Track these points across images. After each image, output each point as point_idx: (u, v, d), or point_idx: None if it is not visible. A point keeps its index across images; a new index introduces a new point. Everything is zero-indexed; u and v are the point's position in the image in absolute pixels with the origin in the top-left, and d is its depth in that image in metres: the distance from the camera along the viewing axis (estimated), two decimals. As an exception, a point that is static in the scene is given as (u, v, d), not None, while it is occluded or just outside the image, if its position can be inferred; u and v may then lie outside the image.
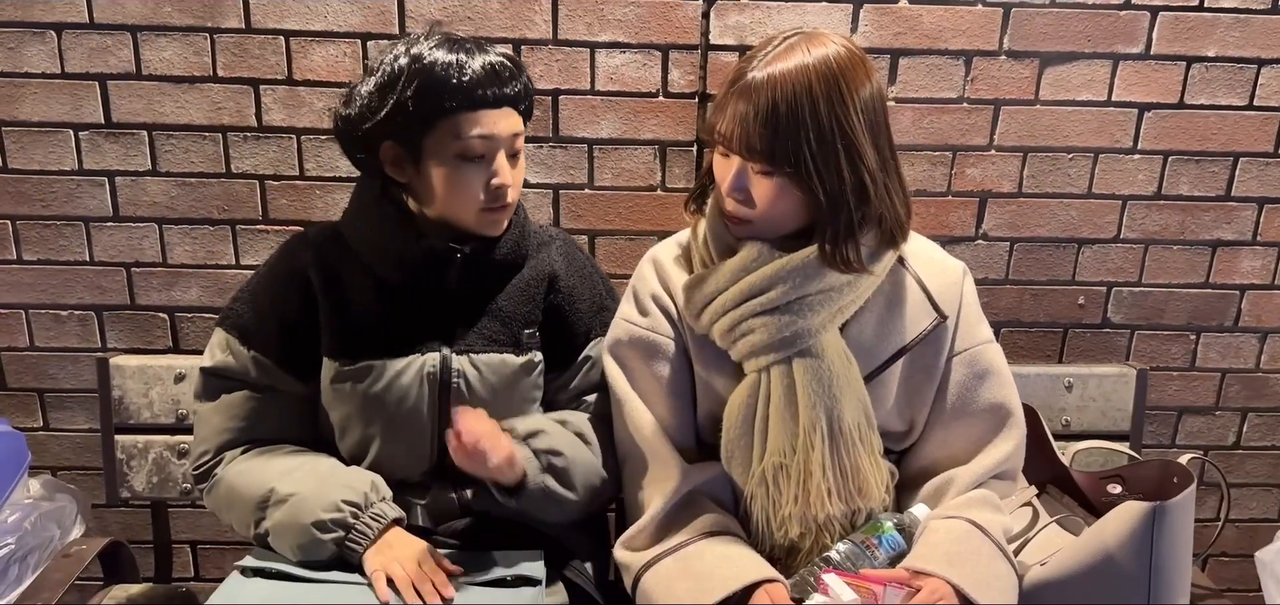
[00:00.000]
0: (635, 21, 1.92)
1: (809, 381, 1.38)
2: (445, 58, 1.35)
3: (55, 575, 1.72)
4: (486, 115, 1.38)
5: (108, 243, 2.01)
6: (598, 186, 2.02)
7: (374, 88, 1.38)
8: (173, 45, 1.89)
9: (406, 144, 1.40)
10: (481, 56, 1.38)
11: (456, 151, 1.38)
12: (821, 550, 1.40)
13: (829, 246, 1.35)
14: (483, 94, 1.37)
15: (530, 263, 1.56)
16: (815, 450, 1.39)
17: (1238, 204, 2.10)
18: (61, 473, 2.16)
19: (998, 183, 2.06)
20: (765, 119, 1.28)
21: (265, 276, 1.53)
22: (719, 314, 1.40)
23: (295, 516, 1.37)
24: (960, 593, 1.29)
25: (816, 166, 1.29)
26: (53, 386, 2.11)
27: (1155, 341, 2.19)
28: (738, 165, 1.34)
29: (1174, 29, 1.97)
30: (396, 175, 1.44)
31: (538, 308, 1.54)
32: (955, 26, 1.95)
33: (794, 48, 1.30)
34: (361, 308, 1.48)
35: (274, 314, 1.49)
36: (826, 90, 1.28)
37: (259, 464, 1.47)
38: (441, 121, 1.37)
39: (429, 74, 1.35)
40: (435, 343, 1.48)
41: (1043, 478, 1.64)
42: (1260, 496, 2.33)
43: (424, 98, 1.35)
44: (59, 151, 1.95)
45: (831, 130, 1.28)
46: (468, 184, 1.41)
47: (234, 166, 1.98)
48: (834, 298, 1.38)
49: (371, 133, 1.39)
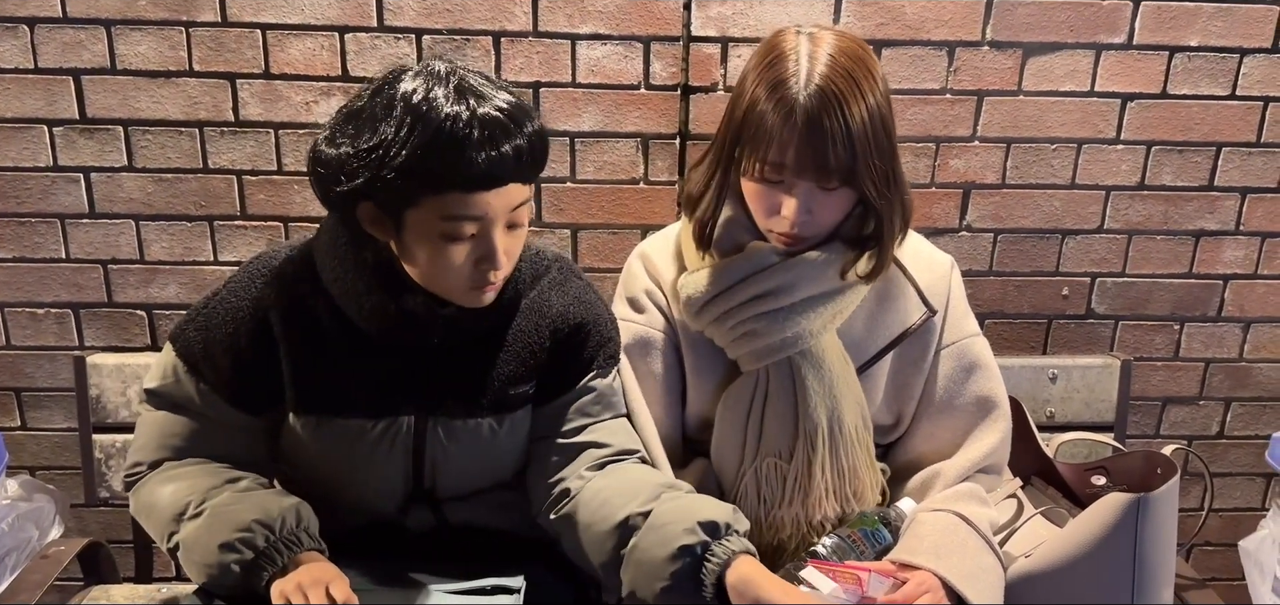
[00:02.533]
0: (616, 13, 1.90)
1: (812, 382, 1.38)
2: (443, 119, 1.13)
3: (33, 576, 1.70)
4: (481, 198, 1.17)
5: (84, 240, 1.99)
6: (580, 180, 2.01)
7: (356, 138, 1.17)
8: (148, 39, 1.87)
9: (387, 210, 1.20)
10: (490, 112, 1.15)
11: (442, 232, 1.18)
12: (808, 546, 1.39)
13: (876, 253, 1.34)
14: (480, 174, 1.15)
15: (523, 306, 1.40)
16: (817, 452, 1.39)
17: (1221, 194, 2.10)
18: (39, 473, 2.14)
19: (981, 174, 2.05)
20: (839, 138, 1.22)
21: (223, 304, 1.35)
22: (720, 312, 1.38)
23: (204, 535, 1.25)
24: (947, 585, 1.29)
25: (878, 169, 1.26)
26: (29, 385, 2.09)
27: (1139, 332, 2.20)
28: (804, 189, 1.27)
29: (1156, 19, 1.97)
30: (376, 234, 1.24)
31: (537, 356, 1.40)
32: (938, 17, 1.94)
33: (817, 56, 1.24)
34: (329, 359, 1.33)
35: (227, 350, 1.33)
36: (871, 87, 1.24)
37: (187, 473, 1.34)
38: (429, 199, 1.16)
39: (418, 140, 1.13)
40: (410, 406, 1.35)
41: (1027, 469, 1.64)
42: (1244, 486, 2.34)
43: (408, 168, 1.13)
44: (33, 148, 1.92)
45: (881, 126, 1.26)
46: (453, 264, 1.21)
47: (211, 162, 1.95)
48: (836, 299, 1.38)
49: (350, 194, 1.18)
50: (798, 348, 1.38)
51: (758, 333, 1.37)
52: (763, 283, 1.35)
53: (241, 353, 1.33)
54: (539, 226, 2.02)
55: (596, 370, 1.42)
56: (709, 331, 1.42)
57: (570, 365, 1.42)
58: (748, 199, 1.35)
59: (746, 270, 1.36)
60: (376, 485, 1.39)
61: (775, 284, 1.35)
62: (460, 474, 1.41)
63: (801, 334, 1.37)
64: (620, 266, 1.59)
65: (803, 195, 1.27)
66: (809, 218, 1.29)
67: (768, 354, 1.38)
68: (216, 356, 1.34)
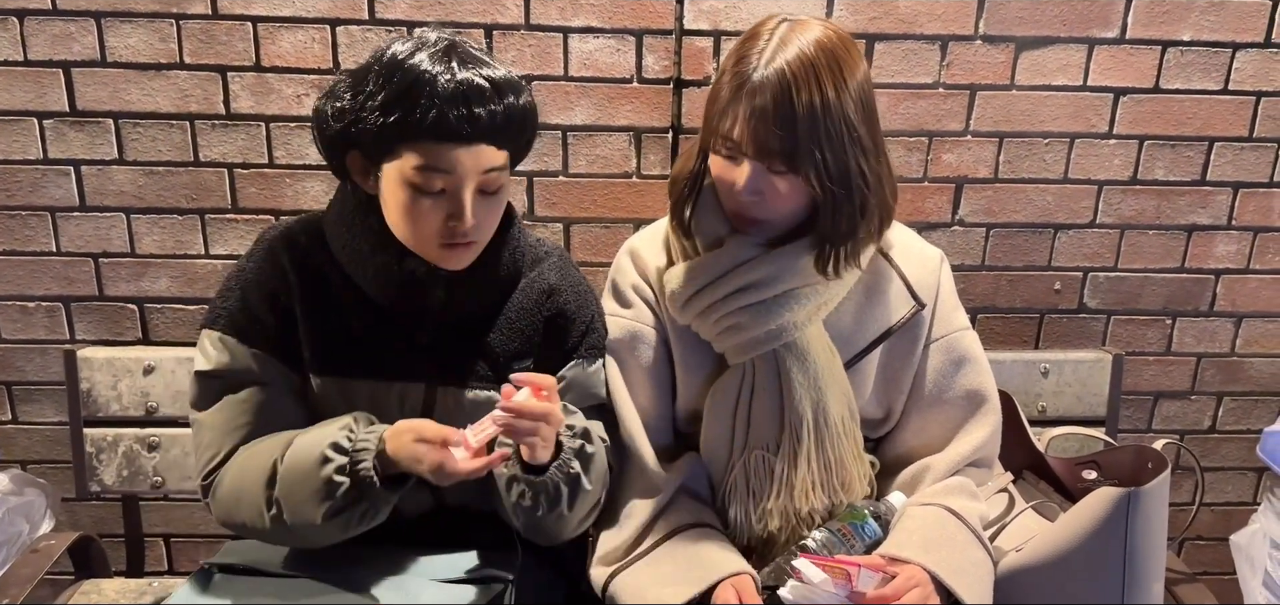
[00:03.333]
0: (608, 6, 1.90)
1: (796, 374, 1.38)
2: (421, 72, 1.20)
3: (24, 571, 1.70)
4: (450, 151, 1.22)
5: (74, 233, 1.98)
6: (572, 174, 2.00)
7: (346, 90, 1.26)
8: (138, 32, 1.86)
9: (370, 158, 1.27)
10: (465, 76, 1.21)
11: (413, 183, 1.24)
12: (798, 540, 1.39)
13: (828, 248, 1.33)
14: (451, 129, 1.21)
15: (522, 286, 1.45)
16: (802, 444, 1.39)
17: (1213, 188, 2.10)
18: (30, 466, 2.13)
19: (974, 168, 2.05)
20: (782, 120, 1.23)
21: (251, 271, 1.38)
22: (705, 306, 1.38)
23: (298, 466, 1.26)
24: (937, 579, 1.30)
25: (827, 162, 1.26)
26: (20, 379, 2.08)
27: (1131, 326, 2.20)
28: (751, 168, 1.28)
29: (1149, 13, 1.97)
30: (365, 187, 1.32)
31: (535, 332, 1.44)
32: (931, 11, 1.94)
33: (788, 40, 1.25)
34: (342, 321, 1.37)
35: (269, 307, 1.36)
36: (833, 80, 1.24)
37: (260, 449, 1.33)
38: (401, 146, 1.23)
39: (395, 89, 1.20)
40: (418, 372, 1.38)
41: (1019, 464, 1.64)
42: (1235, 480, 2.34)
43: (385, 115, 1.21)
44: (23, 140, 1.92)
45: (840, 122, 1.25)
46: (423, 217, 1.26)
47: (202, 155, 1.95)
48: (820, 291, 1.38)
49: (334, 139, 1.27)
50: (782, 340, 1.38)
51: (742, 326, 1.37)
52: (745, 275, 1.35)
53: (281, 307, 1.37)
54: (532, 220, 2.02)
55: (578, 359, 1.46)
56: (695, 325, 1.42)
57: (556, 350, 1.46)
58: (713, 176, 1.37)
59: (728, 264, 1.36)
60: None
61: (758, 276, 1.35)
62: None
63: (786, 326, 1.37)
64: (612, 260, 1.58)
65: (752, 173, 1.28)
66: (759, 198, 1.30)
67: (753, 347, 1.38)
68: (261, 316, 1.36)
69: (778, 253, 1.35)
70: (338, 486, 1.23)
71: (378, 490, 1.24)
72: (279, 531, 1.30)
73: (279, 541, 1.37)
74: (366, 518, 1.27)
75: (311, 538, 1.31)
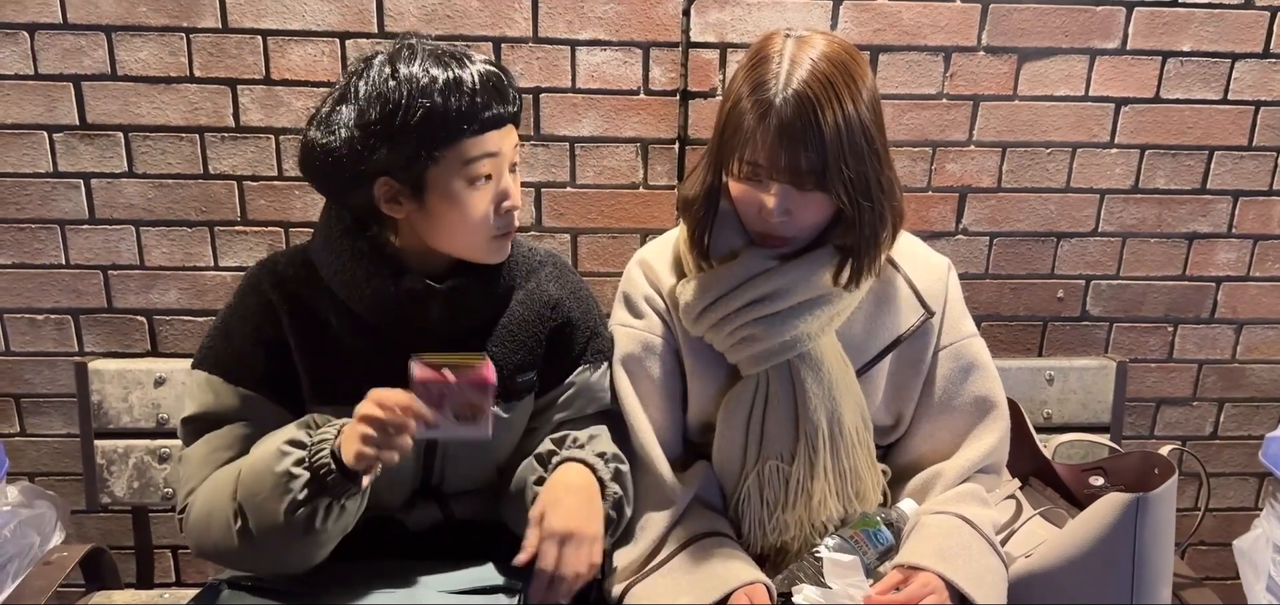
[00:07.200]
0: (616, 19, 1.91)
1: (811, 385, 1.39)
2: (443, 79, 1.23)
3: (36, 583, 1.70)
4: (492, 136, 1.28)
5: (84, 245, 1.99)
6: (580, 185, 2.02)
7: (359, 118, 1.23)
8: (148, 45, 1.87)
9: (407, 179, 1.27)
10: (473, 69, 1.26)
11: (465, 177, 1.27)
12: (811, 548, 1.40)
13: (851, 260, 1.34)
14: (488, 115, 1.26)
15: (519, 296, 1.45)
16: (818, 454, 1.40)
17: (1213, 197, 2.12)
18: (40, 479, 2.13)
19: (977, 178, 2.07)
20: (810, 141, 1.24)
21: (237, 309, 1.39)
22: (718, 318, 1.39)
23: (254, 483, 1.23)
24: (953, 587, 1.30)
25: (852, 176, 1.27)
26: (29, 391, 2.09)
27: (1133, 333, 2.21)
28: (780, 190, 1.29)
29: (1150, 24, 1.99)
30: (391, 213, 1.30)
31: (538, 345, 1.45)
32: (934, 22, 1.95)
33: (799, 59, 1.26)
34: (338, 349, 1.36)
35: (255, 345, 1.36)
36: (850, 93, 1.25)
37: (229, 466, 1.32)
38: (448, 150, 1.25)
39: (431, 100, 1.22)
40: None
41: (1025, 470, 1.65)
42: (1237, 486, 2.36)
43: (429, 127, 1.22)
44: (33, 154, 1.92)
45: (860, 134, 1.27)
46: (478, 209, 1.29)
47: (211, 167, 1.96)
48: (833, 302, 1.39)
49: (361, 173, 1.26)
50: (796, 351, 1.39)
51: (756, 337, 1.38)
52: (759, 287, 1.36)
53: (269, 344, 1.36)
54: (539, 231, 2.03)
55: (585, 365, 1.48)
56: (708, 337, 1.43)
57: (562, 359, 1.48)
58: (734, 198, 1.37)
59: (742, 276, 1.37)
60: (386, 477, 1.37)
61: (771, 288, 1.36)
62: (468, 463, 1.44)
63: (799, 337, 1.38)
64: (620, 271, 1.60)
65: (780, 194, 1.29)
66: (788, 218, 1.31)
67: (767, 358, 1.39)
68: (247, 355, 1.36)
69: (791, 265, 1.36)
70: (295, 478, 1.21)
71: (337, 479, 1.21)
72: (247, 549, 1.26)
73: (250, 564, 1.34)
74: (332, 517, 1.23)
75: (279, 551, 1.26)
